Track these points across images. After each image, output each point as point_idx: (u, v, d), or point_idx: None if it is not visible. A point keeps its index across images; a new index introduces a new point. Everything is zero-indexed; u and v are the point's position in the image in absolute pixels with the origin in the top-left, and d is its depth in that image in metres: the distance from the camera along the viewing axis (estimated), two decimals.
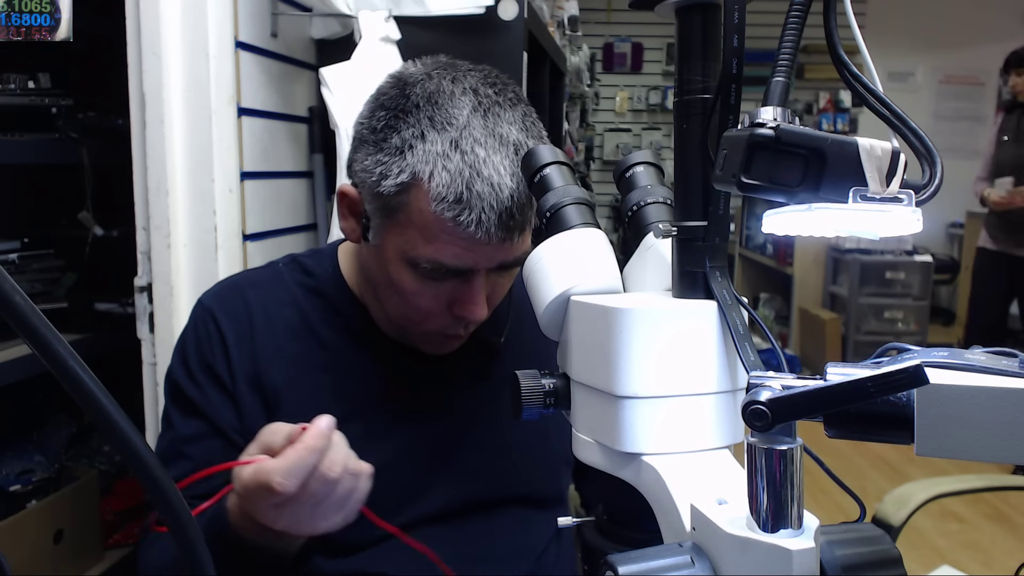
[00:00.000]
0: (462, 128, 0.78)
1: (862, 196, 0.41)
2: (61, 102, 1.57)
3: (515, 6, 1.59)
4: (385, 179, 0.80)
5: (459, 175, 0.77)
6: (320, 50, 1.73)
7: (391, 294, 0.88)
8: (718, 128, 0.47)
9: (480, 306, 0.85)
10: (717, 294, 0.50)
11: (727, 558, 0.40)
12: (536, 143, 0.82)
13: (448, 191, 0.77)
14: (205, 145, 1.39)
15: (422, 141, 0.79)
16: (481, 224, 0.77)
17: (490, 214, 0.77)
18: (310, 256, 1.02)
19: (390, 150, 0.80)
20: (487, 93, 0.82)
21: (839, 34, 0.44)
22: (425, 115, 0.80)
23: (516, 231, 0.80)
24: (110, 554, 1.76)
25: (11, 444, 1.66)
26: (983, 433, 0.39)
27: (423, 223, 0.79)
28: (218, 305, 0.96)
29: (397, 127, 0.81)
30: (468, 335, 0.93)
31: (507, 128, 0.80)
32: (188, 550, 0.40)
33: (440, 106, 0.80)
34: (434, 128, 0.79)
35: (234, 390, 0.92)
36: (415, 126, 0.79)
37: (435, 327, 0.89)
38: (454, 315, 0.86)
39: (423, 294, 0.85)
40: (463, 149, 0.78)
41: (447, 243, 0.80)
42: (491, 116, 0.80)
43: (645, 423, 0.49)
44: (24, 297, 0.35)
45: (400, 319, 0.90)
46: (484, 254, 0.81)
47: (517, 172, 0.78)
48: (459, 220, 0.77)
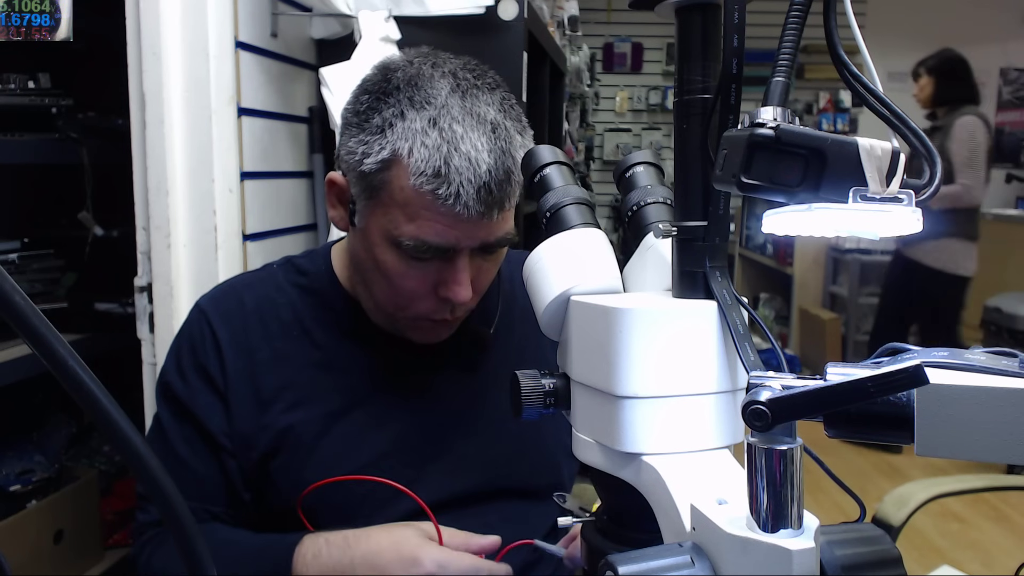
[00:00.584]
0: (440, 107, 0.81)
1: (862, 196, 0.41)
2: (61, 102, 1.57)
3: (515, 6, 1.59)
4: (367, 157, 0.83)
5: (437, 150, 0.79)
6: (320, 50, 1.73)
7: (378, 278, 0.89)
8: (718, 128, 0.47)
9: (464, 287, 0.86)
10: (717, 294, 0.50)
11: (727, 558, 0.40)
12: (514, 124, 0.85)
13: (427, 165, 0.79)
14: (205, 145, 1.39)
15: (402, 119, 0.82)
16: (460, 198, 0.79)
17: (468, 188, 0.79)
18: (304, 256, 1.04)
19: (371, 129, 0.83)
20: (465, 77, 0.85)
21: (839, 34, 0.44)
22: (405, 96, 0.83)
23: (495, 207, 0.82)
24: (110, 554, 1.76)
25: (11, 444, 1.66)
26: (983, 433, 0.39)
27: (404, 200, 0.82)
28: (213, 307, 0.97)
29: (379, 108, 0.84)
30: (456, 322, 0.93)
31: (485, 108, 0.83)
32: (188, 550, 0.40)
33: (420, 87, 0.83)
34: (413, 107, 0.82)
35: (226, 391, 0.93)
36: (395, 106, 0.82)
37: (422, 311, 0.90)
38: (440, 297, 0.88)
39: (408, 275, 0.86)
40: (441, 126, 0.80)
41: (428, 220, 0.82)
42: (469, 97, 0.83)
43: (645, 423, 0.49)
44: (24, 297, 0.35)
45: (388, 304, 0.92)
46: (465, 231, 0.83)
47: (495, 149, 0.81)
48: (438, 194, 0.80)
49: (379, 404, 0.95)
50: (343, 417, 0.93)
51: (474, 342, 0.98)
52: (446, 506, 0.93)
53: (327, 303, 0.98)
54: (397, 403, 0.95)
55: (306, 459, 0.91)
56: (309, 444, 0.92)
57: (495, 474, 0.97)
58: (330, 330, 0.97)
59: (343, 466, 0.91)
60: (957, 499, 3.01)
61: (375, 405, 0.94)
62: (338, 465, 0.91)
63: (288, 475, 0.92)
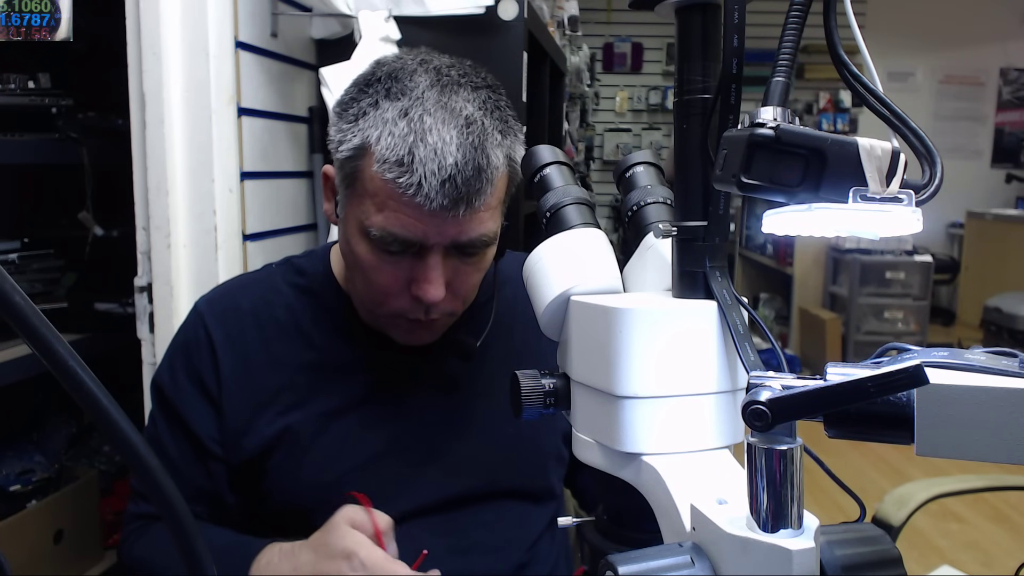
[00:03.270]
0: (415, 99, 0.81)
1: (862, 196, 0.41)
2: (61, 102, 1.57)
3: (515, 6, 1.59)
4: (342, 145, 0.84)
5: (403, 139, 0.79)
6: (320, 50, 1.73)
7: (357, 272, 0.89)
8: (718, 128, 0.47)
9: (435, 285, 0.85)
10: (717, 294, 0.50)
11: (727, 558, 0.40)
12: (495, 123, 0.84)
13: (391, 153, 0.79)
14: (205, 145, 1.39)
15: (375, 108, 0.82)
16: (421, 188, 0.79)
17: (432, 180, 0.78)
18: (304, 256, 1.04)
19: (348, 118, 0.84)
20: (449, 74, 0.85)
21: (839, 34, 0.43)
22: (383, 87, 0.83)
23: (461, 202, 0.80)
24: (110, 554, 1.76)
25: (11, 444, 1.66)
26: (983, 433, 0.39)
27: (373, 190, 0.82)
28: (210, 310, 0.98)
29: (358, 98, 0.84)
30: (434, 325, 0.92)
31: (462, 104, 0.82)
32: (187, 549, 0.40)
33: (399, 80, 0.83)
34: (388, 98, 0.82)
35: (219, 396, 0.93)
36: (372, 96, 0.83)
37: (396, 308, 0.89)
38: (412, 295, 0.87)
39: (381, 270, 0.86)
40: (411, 117, 0.80)
41: (395, 211, 0.81)
42: (447, 92, 0.82)
43: (645, 423, 0.49)
44: (24, 297, 0.35)
45: (367, 300, 0.92)
46: (433, 226, 0.82)
47: (465, 144, 0.80)
48: (399, 183, 0.79)
49: (375, 405, 0.95)
50: (339, 418, 0.93)
51: (460, 354, 0.97)
52: (442, 506, 0.93)
53: (324, 303, 0.98)
54: (393, 404, 0.95)
55: (302, 459, 0.92)
56: (305, 445, 0.92)
57: (491, 475, 0.97)
58: (327, 331, 0.97)
59: (339, 467, 0.92)
60: (957, 499, 3.00)
61: (371, 406, 0.94)
62: (333, 466, 0.92)
63: (283, 475, 0.92)
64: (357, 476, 0.91)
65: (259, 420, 0.92)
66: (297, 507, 0.92)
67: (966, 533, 3.03)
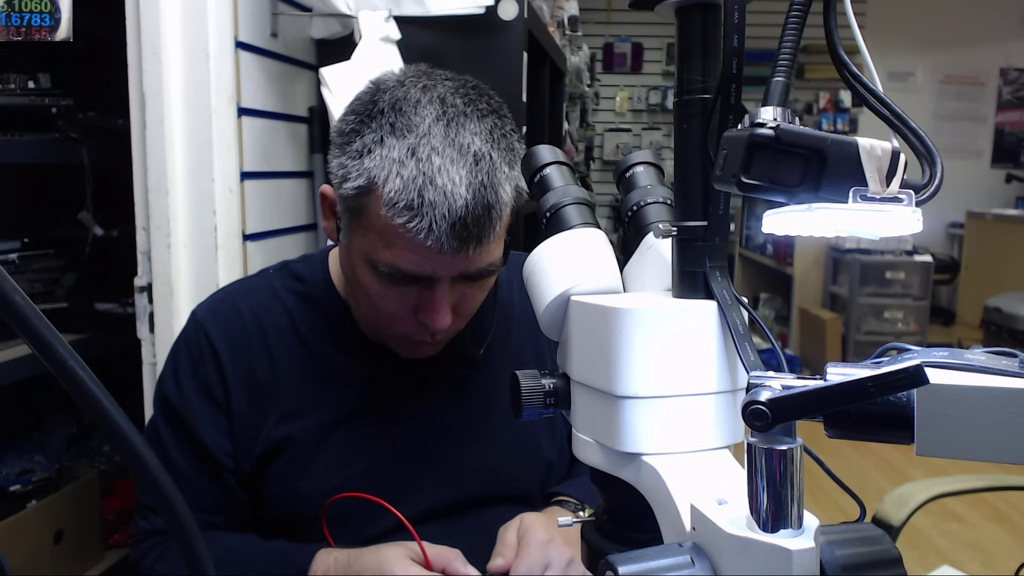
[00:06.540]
0: (422, 136, 0.78)
1: (862, 196, 0.41)
2: (61, 102, 1.57)
3: (515, 6, 1.59)
4: (346, 181, 0.81)
5: (412, 182, 0.77)
6: (320, 50, 1.73)
7: (361, 296, 0.89)
8: (718, 128, 0.47)
9: (442, 315, 0.84)
10: (717, 294, 0.50)
11: (727, 558, 0.40)
12: (503, 155, 0.82)
13: (400, 197, 0.77)
14: (205, 145, 1.39)
15: (380, 146, 0.79)
16: (432, 232, 0.77)
17: (442, 223, 0.77)
18: (301, 261, 1.03)
19: (352, 153, 0.81)
20: (455, 103, 0.82)
21: (839, 34, 0.43)
22: (387, 120, 0.80)
23: (471, 242, 0.79)
24: (110, 554, 1.76)
25: (11, 444, 1.66)
26: (983, 433, 0.39)
27: (381, 228, 0.80)
28: (210, 318, 0.96)
29: (361, 131, 0.81)
30: (439, 343, 0.92)
31: (470, 138, 0.80)
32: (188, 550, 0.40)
33: (403, 112, 0.80)
34: (394, 134, 0.79)
35: (228, 404, 0.93)
36: (376, 131, 0.80)
37: (401, 331, 0.89)
38: (419, 321, 0.86)
39: (387, 297, 0.85)
40: (419, 156, 0.77)
41: (404, 249, 0.80)
42: (454, 125, 0.80)
43: (645, 423, 0.49)
44: (24, 297, 0.35)
45: (371, 320, 0.91)
46: (442, 262, 0.81)
47: (474, 183, 0.78)
48: (409, 227, 0.77)
49: (376, 414, 0.94)
50: (341, 427, 0.93)
51: (463, 360, 0.97)
52: (442, 513, 0.93)
53: (324, 311, 0.97)
54: (394, 413, 0.95)
55: (303, 468, 0.91)
56: (307, 453, 0.92)
57: (490, 481, 0.97)
58: (327, 339, 0.96)
59: (340, 475, 0.91)
60: (957, 499, 3.00)
61: (372, 415, 0.94)
62: (335, 474, 0.91)
63: (284, 483, 0.92)
64: (358, 484, 0.91)
65: (263, 427, 0.92)
66: (299, 514, 0.92)
67: (966, 533, 3.03)
